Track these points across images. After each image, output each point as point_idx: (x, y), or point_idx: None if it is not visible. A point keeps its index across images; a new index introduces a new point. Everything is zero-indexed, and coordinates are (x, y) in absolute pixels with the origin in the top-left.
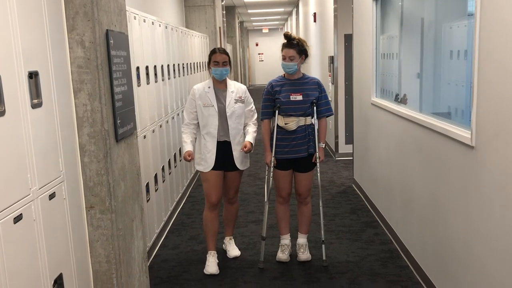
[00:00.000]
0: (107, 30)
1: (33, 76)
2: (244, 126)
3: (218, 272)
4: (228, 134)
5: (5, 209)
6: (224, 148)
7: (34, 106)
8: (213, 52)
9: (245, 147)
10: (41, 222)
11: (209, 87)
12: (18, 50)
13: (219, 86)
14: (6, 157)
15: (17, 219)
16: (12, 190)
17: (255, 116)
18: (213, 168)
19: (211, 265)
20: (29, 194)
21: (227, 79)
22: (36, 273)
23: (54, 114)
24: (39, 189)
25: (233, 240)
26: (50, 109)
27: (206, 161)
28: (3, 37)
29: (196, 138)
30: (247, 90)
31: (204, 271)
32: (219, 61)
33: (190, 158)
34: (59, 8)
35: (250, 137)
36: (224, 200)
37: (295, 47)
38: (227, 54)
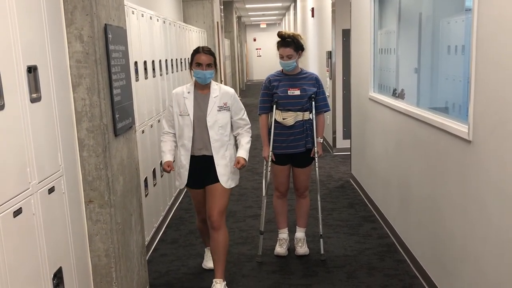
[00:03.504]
0: (105, 24)
1: (32, 70)
2: (236, 137)
3: None
4: (209, 147)
5: (4, 203)
6: (201, 164)
7: (33, 100)
8: (196, 51)
9: (238, 163)
10: (40, 216)
11: (188, 92)
12: (17, 44)
13: (202, 90)
14: (6, 151)
15: (17, 213)
16: (12, 184)
17: (248, 125)
18: (190, 186)
19: (210, 260)
20: (29, 188)
21: (212, 81)
22: (35, 266)
23: (53, 109)
24: (39, 183)
25: (222, 284)
26: (49, 104)
27: (180, 176)
28: (2, 31)
29: (176, 147)
30: (235, 95)
31: (203, 265)
32: (202, 63)
33: (169, 169)
34: (58, 2)
35: (243, 151)
36: (208, 223)
37: (291, 45)
38: (212, 54)
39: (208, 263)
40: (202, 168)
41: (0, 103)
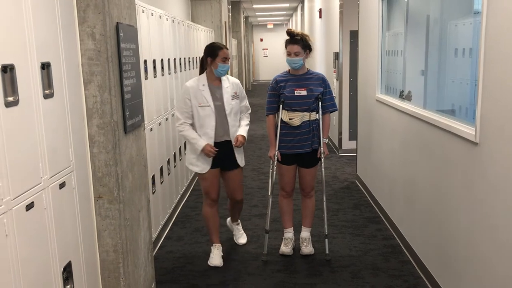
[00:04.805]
0: (117, 23)
1: (45, 67)
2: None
3: (222, 264)
4: (229, 132)
5: (18, 197)
6: (223, 148)
7: (46, 96)
8: (219, 48)
9: (237, 140)
10: (51, 211)
11: (203, 85)
12: (31, 41)
13: (214, 82)
14: (19, 146)
15: (29, 207)
16: (25, 179)
17: (249, 110)
18: (210, 167)
19: (216, 258)
20: (41, 183)
21: None
22: (46, 260)
23: (65, 105)
24: (50, 178)
25: (240, 225)
26: (61, 100)
27: (203, 162)
28: (17, 28)
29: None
30: (240, 85)
31: (208, 263)
32: (228, 57)
33: (214, 150)
34: (71, 0)
35: (242, 130)
36: (232, 202)
37: (299, 43)
38: None
39: (214, 261)
40: (223, 152)
41: (14, 99)
